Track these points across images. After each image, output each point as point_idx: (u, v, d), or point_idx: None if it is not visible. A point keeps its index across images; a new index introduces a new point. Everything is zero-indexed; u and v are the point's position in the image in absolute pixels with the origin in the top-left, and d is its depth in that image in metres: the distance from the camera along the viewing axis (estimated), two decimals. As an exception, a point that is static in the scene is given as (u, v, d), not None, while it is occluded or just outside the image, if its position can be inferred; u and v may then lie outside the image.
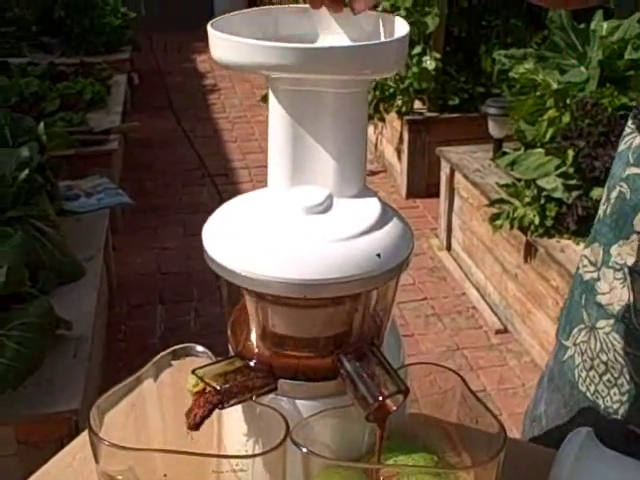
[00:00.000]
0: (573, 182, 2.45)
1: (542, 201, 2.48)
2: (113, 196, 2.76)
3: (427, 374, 0.72)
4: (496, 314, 2.86)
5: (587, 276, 0.79)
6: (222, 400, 0.61)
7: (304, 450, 0.59)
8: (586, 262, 0.82)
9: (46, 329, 1.64)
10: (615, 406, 0.76)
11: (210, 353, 0.68)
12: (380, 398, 0.59)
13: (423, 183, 3.92)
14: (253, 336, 0.64)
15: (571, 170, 2.45)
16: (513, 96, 2.82)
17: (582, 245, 2.40)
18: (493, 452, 0.58)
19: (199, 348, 0.70)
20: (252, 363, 0.64)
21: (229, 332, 0.67)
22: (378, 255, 0.60)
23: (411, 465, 0.64)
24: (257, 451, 0.65)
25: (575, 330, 0.81)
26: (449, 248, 3.35)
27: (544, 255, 2.46)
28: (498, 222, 2.57)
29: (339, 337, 0.63)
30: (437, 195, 3.51)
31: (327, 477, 0.61)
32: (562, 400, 0.87)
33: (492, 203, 2.65)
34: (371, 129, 4.35)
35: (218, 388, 0.61)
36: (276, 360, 0.64)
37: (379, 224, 0.63)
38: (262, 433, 0.64)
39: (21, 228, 1.92)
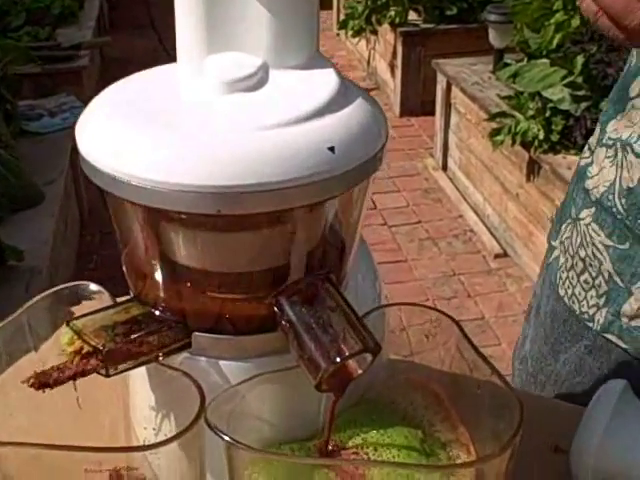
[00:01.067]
0: (582, 93, 2.22)
1: (547, 114, 2.26)
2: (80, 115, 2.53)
3: (411, 319, 0.53)
4: (495, 237, 2.67)
5: (582, 162, 0.72)
6: (106, 365, 0.42)
7: (225, 438, 0.40)
8: (586, 148, 0.74)
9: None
10: (591, 312, 0.69)
11: (109, 295, 0.49)
12: (337, 359, 0.40)
13: (418, 100, 3.67)
14: (157, 273, 0.45)
15: (579, 79, 2.22)
16: (516, 0, 2.56)
17: (590, 161, 2.19)
18: (505, 435, 0.39)
19: (93, 287, 0.51)
20: (157, 311, 0.45)
21: (125, 268, 0.47)
22: (331, 149, 0.40)
23: (385, 450, 0.45)
24: (169, 429, 0.46)
25: (563, 227, 0.74)
26: (445, 168, 3.13)
27: (549, 172, 2.25)
28: (499, 138, 2.35)
29: (279, 272, 0.44)
30: (432, 113, 3.28)
31: (264, 468, 0.43)
32: (544, 335, 0.79)
33: (492, 117, 2.43)
34: (363, 44, 4.07)
35: (100, 348, 0.42)
36: (190, 305, 0.45)
37: (334, 105, 0.42)
38: (175, 406, 0.46)
39: (-34, 149, 1.71)
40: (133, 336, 0.43)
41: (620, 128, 0.67)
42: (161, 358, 0.44)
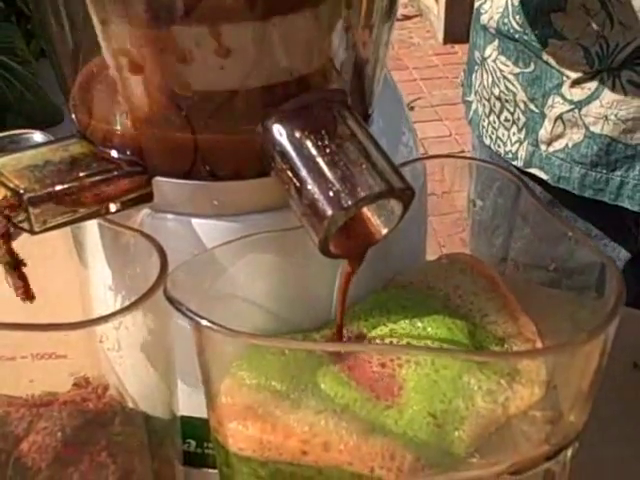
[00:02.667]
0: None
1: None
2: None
3: (459, 182, 0.40)
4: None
5: (477, 4, 0.72)
6: (28, 215, 0.30)
7: (192, 317, 0.28)
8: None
9: None
10: (514, 149, 0.69)
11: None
12: (349, 203, 0.27)
13: (462, 26, 3.45)
14: (106, 95, 0.32)
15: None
16: None
17: None
18: (595, 319, 0.26)
19: (38, 137, 0.39)
20: (107, 149, 0.33)
21: (70, 101, 0.35)
22: None
23: (417, 345, 0.32)
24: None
25: (473, 77, 0.74)
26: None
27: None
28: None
29: (274, 92, 0.31)
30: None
31: (252, 364, 0.31)
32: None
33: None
34: (405, -33, 3.84)
35: (20, 191, 0.30)
36: (151, 140, 0.32)
37: None
38: (139, 282, 0.34)
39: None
40: (69, 178, 0.30)
41: None
42: (113, 211, 0.32)
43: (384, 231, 0.30)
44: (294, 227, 0.31)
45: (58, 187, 0.30)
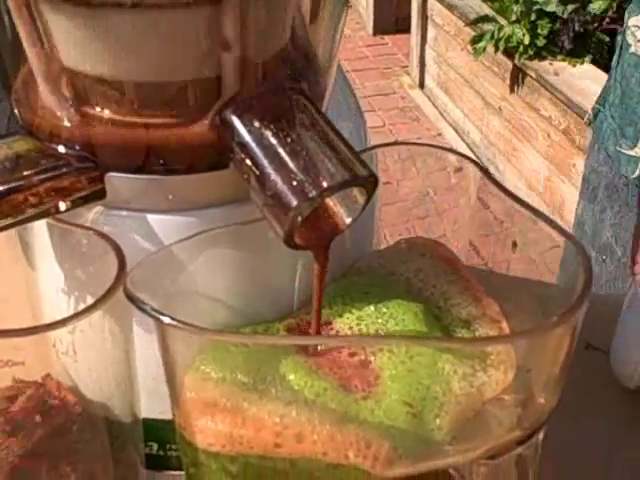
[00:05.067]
0: (568, -6, 2.07)
1: (533, 17, 2.10)
2: None
3: (414, 163, 0.40)
4: (476, 155, 2.54)
5: None
6: (-25, 216, 0.28)
7: (155, 315, 0.27)
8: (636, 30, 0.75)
9: None
10: None
11: None
12: (313, 193, 0.27)
13: (392, 17, 3.49)
14: (49, 89, 0.31)
15: (566, -21, 2.06)
16: None
17: (579, 67, 2.05)
18: (564, 301, 0.26)
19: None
20: (54, 144, 0.31)
21: (12, 96, 0.33)
22: None
23: (392, 334, 0.32)
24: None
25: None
26: (422, 86, 2.98)
27: (534, 81, 2.11)
28: (481, 44, 2.19)
29: (226, 82, 0.30)
30: (407, 30, 3.11)
31: (216, 358, 0.30)
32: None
33: (474, 22, 2.27)
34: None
35: (-35, 192, 0.28)
36: (100, 134, 0.31)
37: None
38: (92, 283, 0.33)
39: None
40: (16, 176, 0.29)
41: None
42: (63, 210, 0.31)
43: (348, 220, 0.30)
44: (252, 220, 0.31)
45: (4, 186, 0.29)
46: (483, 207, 0.35)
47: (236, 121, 0.28)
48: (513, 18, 2.15)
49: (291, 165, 0.27)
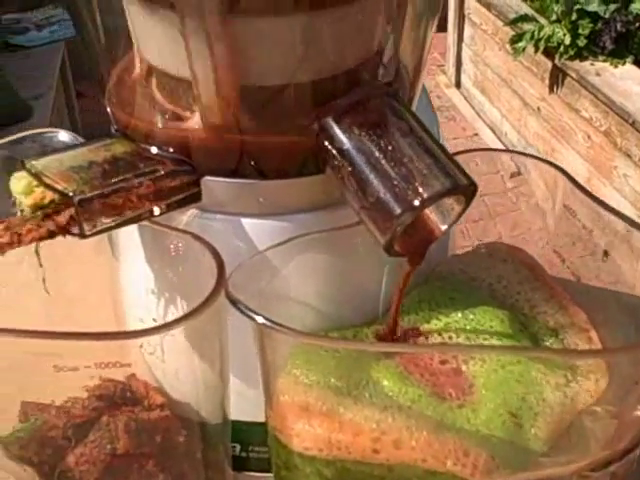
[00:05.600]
0: (610, -7, 2.05)
1: (574, 16, 2.08)
2: (68, 28, 2.34)
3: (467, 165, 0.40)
4: (513, 156, 2.52)
5: None
6: (79, 219, 0.29)
7: (257, 318, 0.27)
8: None
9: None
10: None
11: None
12: (416, 202, 0.27)
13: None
14: (150, 91, 0.31)
15: (609, -22, 2.04)
16: None
17: (621, 68, 2.03)
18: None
19: (64, 136, 0.37)
20: (149, 147, 0.32)
21: (107, 97, 0.34)
22: None
23: (477, 337, 0.32)
24: (175, 313, 0.34)
25: None
26: (458, 85, 2.96)
27: (575, 81, 2.09)
28: (520, 44, 2.18)
29: (324, 87, 0.30)
30: (443, 29, 3.09)
31: (307, 361, 0.30)
32: None
33: (513, 22, 2.25)
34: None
35: (70, 194, 0.29)
36: (198, 138, 0.31)
37: None
38: (183, 285, 0.33)
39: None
40: (115, 179, 0.29)
41: None
42: (157, 214, 0.31)
43: (443, 227, 0.30)
44: (343, 226, 0.31)
45: (107, 188, 0.29)
46: (570, 215, 0.35)
47: (335, 127, 0.29)
48: (554, 18, 2.13)
49: (393, 172, 0.27)
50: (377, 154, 0.28)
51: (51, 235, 0.29)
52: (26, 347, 0.27)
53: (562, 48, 2.08)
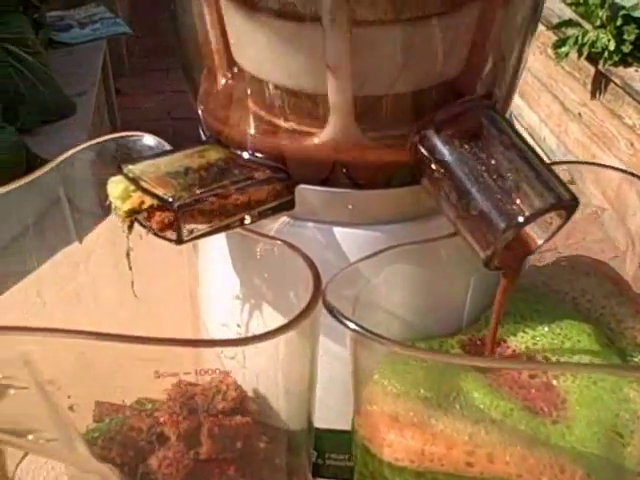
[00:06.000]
0: (657, -1, 2.02)
1: (619, 22, 2.05)
2: (110, 26, 2.37)
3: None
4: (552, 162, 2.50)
5: None
6: (178, 225, 0.29)
7: (351, 326, 0.27)
8: None
9: (16, 168, 1.33)
10: None
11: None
12: (520, 219, 0.27)
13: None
14: (245, 98, 0.31)
15: (655, -16, 2.01)
16: None
17: (666, 74, 2.00)
18: None
19: (149, 140, 0.37)
20: (243, 154, 0.32)
21: (200, 104, 0.34)
22: None
23: (565, 353, 0.32)
24: (261, 326, 0.34)
25: None
26: (497, 89, 2.94)
27: (619, 87, 2.07)
28: (564, 49, 2.15)
29: (423, 97, 0.30)
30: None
31: (395, 372, 0.30)
32: None
33: (557, 26, 2.23)
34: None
35: (169, 200, 0.29)
36: (292, 145, 0.31)
37: None
38: (271, 292, 0.33)
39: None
40: (213, 186, 0.30)
41: None
42: (247, 222, 0.31)
43: (540, 241, 0.29)
44: (434, 238, 0.31)
45: (205, 195, 0.29)
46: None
47: (436, 139, 0.29)
48: (598, 23, 2.11)
49: (496, 186, 0.27)
50: (479, 167, 0.28)
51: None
52: (130, 352, 0.28)
53: (606, 54, 2.05)
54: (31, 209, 0.38)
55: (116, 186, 0.30)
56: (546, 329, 0.33)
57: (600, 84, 2.17)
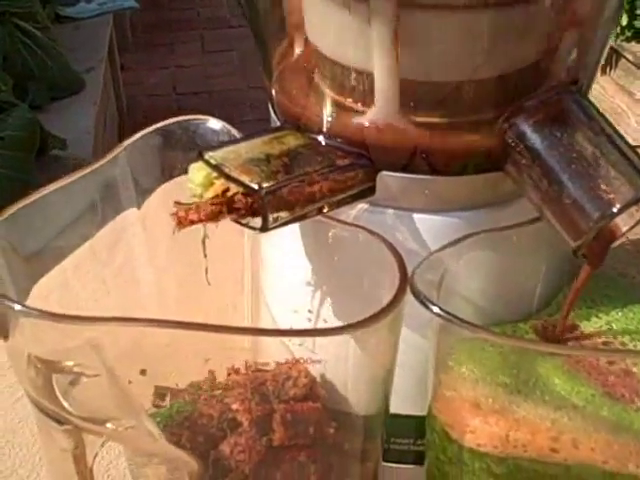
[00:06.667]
0: (670, -27, 2.00)
1: (631, -3, 2.04)
2: (116, 0, 2.35)
3: None
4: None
5: None
6: (265, 212, 0.29)
7: (440, 313, 0.27)
8: None
9: (30, 146, 1.32)
10: None
11: (236, 132, 0.36)
12: (614, 209, 0.27)
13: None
14: (323, 85, 0.31)
15: (668, -42, 1.99)
16: None
17: (678, 51, 1.98)
18: None
19: (214, 124, 0.37)
20: (323, 140, 0.32)
21: (275, 89, 0.34)
22: None
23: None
24: (332, 315, 0.34)
25: None
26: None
27: (631, 64, 2.06)
28: (575, 25, 2.13)
29: (511, 82, 0.30)
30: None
31: (472, 357, 0.31)
32: None
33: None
34: None
35: (255, 187, 0.29)
36: (376, 132, 0.31)
37: None
38: (347, 280, 0.33)
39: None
40: (298, 172, 0.29)
41: None
42: (326, 210, 0.31)
43: (624, 229, 0.29)
44: (512, 225, 0.31)
45: (291, 182, 0.29)
46: None
47: (526, 125, 0.28)
48: (610, -2, 2.09)
49: (589, 174, 0.27)
50: (570, 154, 0.28)
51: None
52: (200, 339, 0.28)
53: (618, 29, 2.04)
54: (93, 193, 0.38)
55: (198, 173, 0.30)
56: (619, 314, 0.33)
57: (611, 59, 2.16)
